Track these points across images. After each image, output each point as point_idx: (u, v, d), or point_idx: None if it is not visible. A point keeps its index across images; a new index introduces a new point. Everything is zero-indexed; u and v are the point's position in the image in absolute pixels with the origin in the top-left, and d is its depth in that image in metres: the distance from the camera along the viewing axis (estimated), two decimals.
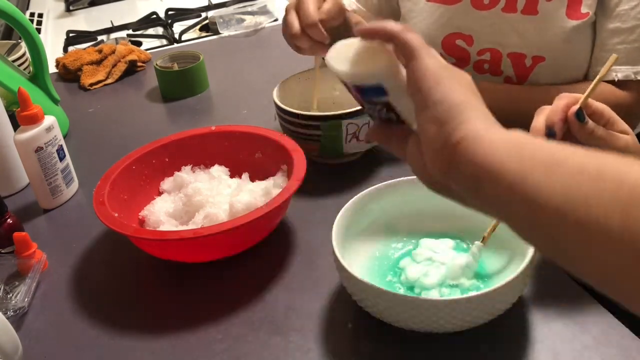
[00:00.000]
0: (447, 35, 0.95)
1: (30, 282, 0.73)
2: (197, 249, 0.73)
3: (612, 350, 0.59)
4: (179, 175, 0.84)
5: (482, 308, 0.57)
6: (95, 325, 0.69)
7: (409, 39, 0.46)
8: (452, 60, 0.95)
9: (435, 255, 0.68)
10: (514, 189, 0.38)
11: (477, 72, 0.95)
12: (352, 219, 0.69)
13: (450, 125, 0.42)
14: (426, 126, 0.44)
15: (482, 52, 0.93)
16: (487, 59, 0.93)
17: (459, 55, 0.95)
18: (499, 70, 0.93)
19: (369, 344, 0.63)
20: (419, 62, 0.45)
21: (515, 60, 0.91)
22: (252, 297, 0.70)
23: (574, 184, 0.35)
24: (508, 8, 0.90)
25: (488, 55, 0.93)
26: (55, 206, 0.91)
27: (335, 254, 0.62)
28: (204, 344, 0.65)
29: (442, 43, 0.95)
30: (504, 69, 0.92)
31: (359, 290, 0.60)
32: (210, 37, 1.54)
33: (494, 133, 0.41)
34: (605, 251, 0.34)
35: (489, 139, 0.41)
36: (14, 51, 1.24)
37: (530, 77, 0.91)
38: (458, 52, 0.95)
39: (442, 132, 0.43)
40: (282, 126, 0.91)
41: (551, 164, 0.37)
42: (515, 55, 0.91)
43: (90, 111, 1.21)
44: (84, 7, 1.88)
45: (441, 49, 0.96)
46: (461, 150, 0.42)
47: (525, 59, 0.90)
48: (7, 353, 0.58)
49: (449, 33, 0.95)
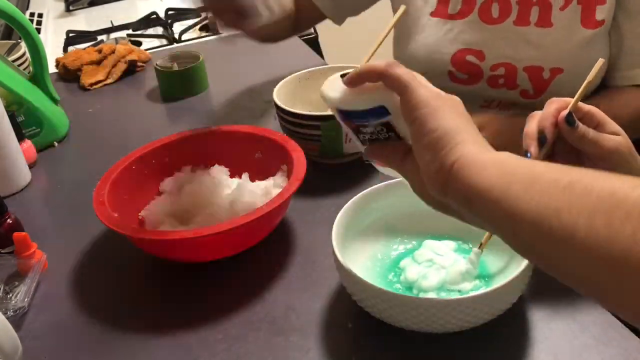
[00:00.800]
0: (457, 51, 0.92)
1: (30, 282, 0.73)
2: (197, 249, 0.73)
3: (612, 350, 0.59)
4: (179, 175, 0.84)
5: (482, 308, 0.57)
6: (95, 325, 0.69)
7: (398, 73, 0.49)
8: (464, 77, 0.93)
9: (436, 257, 0.68)
10: (499, 204, 0.42)
11: (492, 87, 0.92)
12: (352, 219, 0.69)
13: (444, 151, 0.46)
14: (422, 153, 0.48)
15: (496, 67, 0.91)
16: (501, 73, 0.91)
17: (470, 72, 0.93)
18: (515, 84, 0.91)
19: (369, 344, 0.63)
20: (411, 93, 0.48)
21: (532, 73, 0.89)
22: (252, 297, 0.70)
23: (547, 196, 0.39)
24: (520, 21, 0.89)
25: (502, 70, 0.91)
26: None
27: (335, 254, 0.62)
28: (204, 344, 0.65)
29: (452, 59, 0.93)
30: (520, 83, 0.90)
31: (359, 290, 0.60)
32: (210, 37, 1.54)
33: (484, 154, 0.46)
34: (574, 256, 0.38)
35: (479, 160, 0.45)
36: (14, 51, 1.24)
37: (549, 89, 0.89)
38: (469, 68, 0.93)
39: (437, 157, 0.47)
40: (282, 126, 0.91)
41: (529, 180, 0.41)
42: (532, 68, 0.89)
43: (90, 111, 1.21)
44: (84, 7, 1.88)
45: (451, 66, 0.93)
46: (454, 172, 0.45)
47: (542, 71, 0.88)
48: (7, 353, 0.58)
49: (458, 49, 0.92)
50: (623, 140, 0.60)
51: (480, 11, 0.91)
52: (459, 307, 0.56)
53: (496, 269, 0.66)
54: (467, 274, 0.65)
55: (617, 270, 0.36)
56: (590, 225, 0.37)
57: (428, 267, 0.67)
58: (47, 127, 1.08)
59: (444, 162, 0.46)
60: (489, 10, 0.91)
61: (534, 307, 0.64)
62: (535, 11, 0.88)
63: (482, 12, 0.91)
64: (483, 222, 0.46)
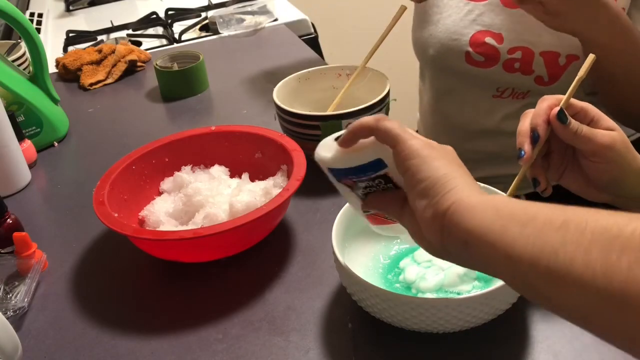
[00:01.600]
0: (476, 32, 0.93)
1: (30, 282, 0.73)
2: (197, 249, 0.73)
3: (612, 350, 0.58)
4: (179, 175, 0.84)
5: (482, 308, 0.57)
6: (95, 325, 0.69)
7: (388, 127, 0.51)
8: (481, 59, 0.93)
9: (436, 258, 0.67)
10: (495, 246, 0.43)
11: (507, 71, 0.93)
12: (352, 219, 0.69)
13: (437, 197, 0.47)
14: (417, 201, 0.49)
15: (513, 50, 0.91)
16: (518, 57, 0.91)
17: (488, 54, 0.93)
18: (530, 69, 0.91)
19: (369, 344, 0.63)
20: (403, 144, 0.50)
21: (548, 59, 0.89)
22: (252, 297, 0.70)
23: (542, 235, 0.40)
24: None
25: (519, 53, 0.91)
26: None
27: (335, 254, 0.62)
28: (204, 344, 0.65)
29: (471, 40, 0.93)
30: (535, 68, 0.91)
31: (359, 290, 0.60)
32: (210, 37, 1.54)
33: (477, 197, 0.46)
34: (574, 293, 0.38)
35: (473, 203, 0.46)
36: (14, 51, 1.24)
37: (563, 76, 0.90)
38: (487, 50, 0.93)
39: (431, 205, 0.48)
40: (282, 126, 0.91)
41: (524, 221, 0.42)
42: (549, 53, 0.89)
43: (90, 111, 1.21)
44: (84, 7, 1.88)
45: (469, 47, 0.94)
46: (449, 217, 0.46)
47: (559, 57, 0.89)
48: (7, 353, 0.58)
49: (478, 30, 0.93)
50: (618, 135, 0.61)
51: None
52: (459, 307, 0.56)
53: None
54: (465, 277, 0.65)
55: (617, 305, 0.36)
56: (587, 261, 0.37)
57: (427, 267, 0.67)
58: (47, 127, 1.08)
59: (438, 208, 0.47)
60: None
61: (534, 307, 0.64)
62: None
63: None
64: (482, 266, 0.46)
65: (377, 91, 0.89)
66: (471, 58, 0.94)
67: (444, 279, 0.65)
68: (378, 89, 0.90)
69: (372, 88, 0.92)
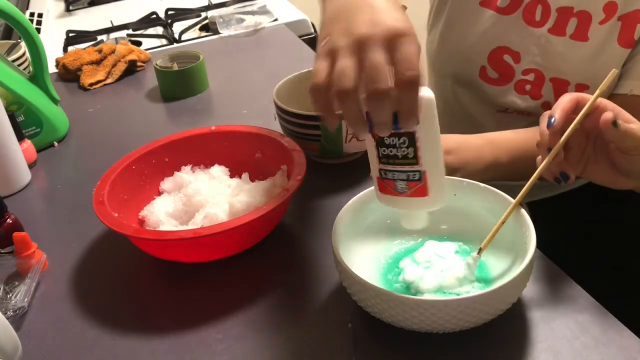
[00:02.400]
0: (495, 48, 0.91)
1: (30, 282, 0.73)
2: (197, 249, 0.73)
3: (612, 350, 0.59)
4: (179, 175, 0.84)
5: (482, 308, 0.57)
6: (95, 325, 0.69)
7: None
8: (495, 76, 0.92)
9: (436, 259, 0.68)
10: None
11: (517, 92, 0.91)
12: (352, 219, 0.69)
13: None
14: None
15: (527, 72, 0.89)
16: (530, 79, 0.89)
17: (503, 72, 0.91)
18: (539, 94, 0.89)
19: (369, 344, 0.63)
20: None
21: (557, 85, 0.87)
22: (252, 297, 0.70)
23: None
24: (556, 30, 0.86)
25: (532, 76, 0.89)
26: None
27: (335, 254, 0.62)
28: (204, 344, 0.65)
29: (489, 56, 0.91)
30: (544, 94, 0.89)
31: (359, 290, 0.60)
32: (210, 37, 1.54)
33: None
34: None
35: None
36: (13, 51, 1.24)
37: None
38: (503, 68, 0.91)
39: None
40: (282, 126, 0.91)
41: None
42: (558, 80, 0.87)
43: (90, 111, 1.21)
44: (84, 7, 1.88)
45: (486, 62, 0.92)
46: None
47: (568, 85, 0.86)
48: (7, 353, 0.58)
49: (498, 46, 0.91)
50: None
51: (525, 11, 0.89)
52: (459, 307, 0.56)
53: (497, 273, 0.66)
54: (464, 279, 0.65)
55: None
56: None
57: (426, 268, 0.67)
58: (47, 127, 1.08)
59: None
60: (533, 11, 0.88)
61: (534, 307, 0.64)
62: (574, 23, 0.85)
63: (526, 12, 0.88)
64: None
65: None
66: (485, 74, 0.93)
67: (443, 280, 0.65)
68: None
69: None
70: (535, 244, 0.60)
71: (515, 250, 0.65)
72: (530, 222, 0.63)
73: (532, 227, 0.62)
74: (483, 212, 0.69)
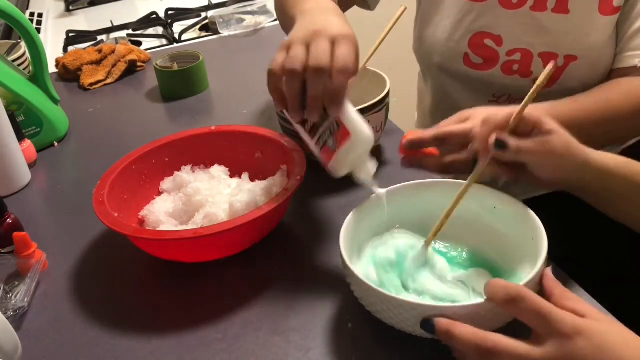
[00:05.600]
0: (475, 34, 0.93)
1: (30, 282, 0.73)
2: (197, 249, 0.73)
3: None
4: (179, 175, 0.84)
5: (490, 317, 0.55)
6: (95, 325, 0.69)
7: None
8: (479, 61, 0.93)
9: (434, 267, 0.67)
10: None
11: (505, 74, 0.93)
12: (358, 222, 0.68)
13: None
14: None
15: (512, 52, 0.91)
16: (517, 59, 0.91)
17: (487, 56, 0.93)
18: (529, 71, 0.91)
19: (369, 344, 0.63)
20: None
21: (547, 59, 0.89)
22: (252, 297, 0.70)
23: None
24: (537, 7, 0.89)
25: (518, 55, 0.91)
26: None
27: (343, 257, 0.61)
28: (204, 344, 0.65)
29: (470, 42, 0.93)
30: (534, 70, 0.91)
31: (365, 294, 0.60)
32: (210, 37, 1.54)
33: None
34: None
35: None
36: (13, 51, 1.24)
37: (562, 77, 0.89)
38: (486, 53, 0.93)
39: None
40: (282, 126, 0.91)
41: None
42: (547, 54, 0.89)
43: (90, 111, 1.21)
44: (84, 7, 1.88)
45: (468, 49, 0.93)
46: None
47: (557, 58, 0.89)
48: (7, 353, 0.58)
49: (476, 32, 0.93)
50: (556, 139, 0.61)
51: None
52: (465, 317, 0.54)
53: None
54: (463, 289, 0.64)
55: None
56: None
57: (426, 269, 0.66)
58: (47, 127, 1.08)
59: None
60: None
61: None
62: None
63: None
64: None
65: (377, 91, 0.89)
66: (470, 60, 0.94)
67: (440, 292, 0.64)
68: (378, 89, 0.90)
69: (372, 88, 0.92)
70: (544, 259, 0.59)
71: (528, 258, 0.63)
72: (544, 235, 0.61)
73: (545, 238, 0.61)
74: (482, 211, 0.69)
